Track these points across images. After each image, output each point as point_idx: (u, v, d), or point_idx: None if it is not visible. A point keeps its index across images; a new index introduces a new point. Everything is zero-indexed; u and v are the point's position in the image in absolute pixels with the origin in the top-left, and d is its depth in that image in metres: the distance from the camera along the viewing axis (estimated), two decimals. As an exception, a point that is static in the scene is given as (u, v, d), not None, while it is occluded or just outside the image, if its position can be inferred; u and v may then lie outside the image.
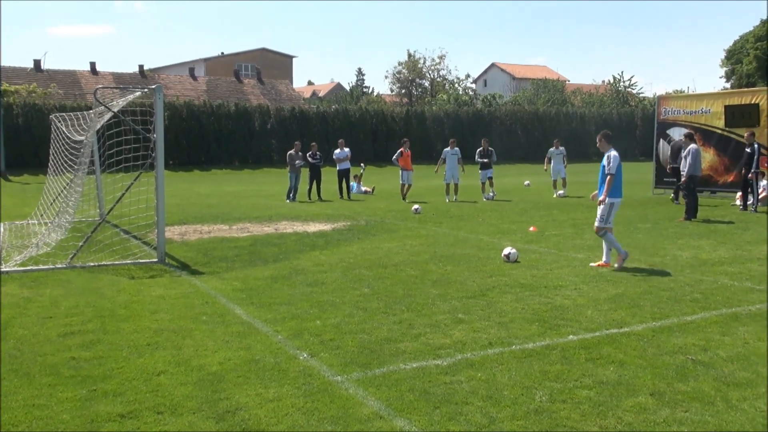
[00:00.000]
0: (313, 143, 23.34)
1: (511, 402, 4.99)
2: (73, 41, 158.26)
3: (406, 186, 21.43)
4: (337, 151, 22.73)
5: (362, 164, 26.52)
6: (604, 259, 10.13)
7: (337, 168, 22.57)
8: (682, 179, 16.02)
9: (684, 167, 15.86)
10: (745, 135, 18.23)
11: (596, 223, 10.18)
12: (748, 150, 17.59)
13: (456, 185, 21.17)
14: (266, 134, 44.48)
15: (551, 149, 23.19)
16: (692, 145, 16.02)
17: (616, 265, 9.88)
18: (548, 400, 5.03)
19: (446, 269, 9.93)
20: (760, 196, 17.80)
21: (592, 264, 10.16)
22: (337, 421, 4.69)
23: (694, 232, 13.72)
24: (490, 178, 21.82)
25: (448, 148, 21.46)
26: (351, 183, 23.61)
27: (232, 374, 5.59)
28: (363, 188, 24.83)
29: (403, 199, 21.22)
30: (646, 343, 6.37)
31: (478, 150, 22.12)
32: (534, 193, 23.80)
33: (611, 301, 7.94)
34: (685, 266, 10.10)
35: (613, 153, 10.23)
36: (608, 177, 10.04)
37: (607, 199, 10.01)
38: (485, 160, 21.79)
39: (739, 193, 18.27)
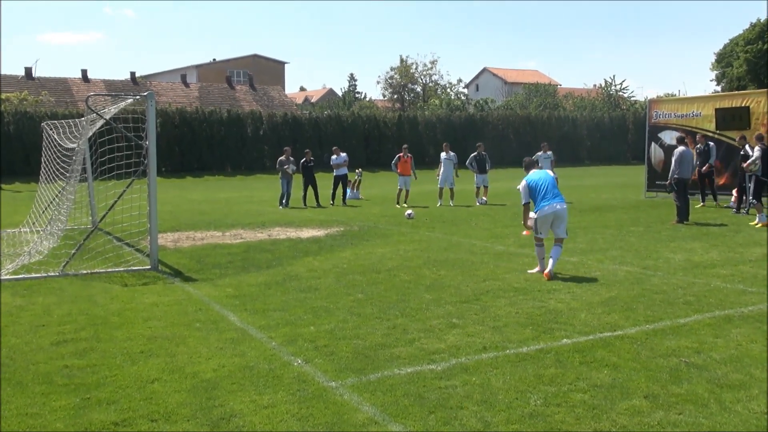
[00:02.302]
0: (307, 150, 23.38)
1: (505, 406, 4.99)
2: (64, 49, 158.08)
3: (404, 191, 21.45)
4: (333, 157, 22.75)
5: (358, 170, 26.38)
6: (548, 268, 9.61)
7: (334, 173, 22.57)
8: (668, 182, 16.26)
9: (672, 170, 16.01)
10: (737, 139, 18.35)
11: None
12: (741, 153, 17.69)
13: (451, 190, 21.21)
14: (259, 140, 44.41)
15: (539, 153, 23.13)
16: (678, 148, 16.12)
17: (535, 269, 9.89)
18: (543, 403, 5.03)
19: (440, 274, 9.94)
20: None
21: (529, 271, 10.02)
22: (332, 427, 4.69)
23: (687, 234, 13.78)
24: (486, 187, 21.83)
25: (444, 153, 21.52)
26: (347, 189, 23.59)
27: (226, 381, 5.57)
28: (359, 195, 24.79)
29: (397, 203, 21.23)
30: (639, 346, 6.39)
31: (473, 155, 22.10)
32: (527, 197, 23.79)
33: (604, 305, 7.97)
34: (678, 269, 10.14)
35: (521, 184, 10.09)
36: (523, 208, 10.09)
37: (531, 214, 9.98)
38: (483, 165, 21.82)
39: (734, 195, 18.38)
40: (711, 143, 19.51)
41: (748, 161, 15.98)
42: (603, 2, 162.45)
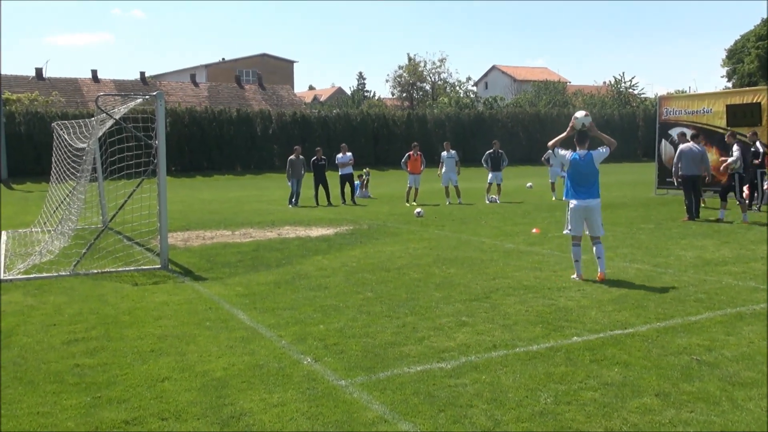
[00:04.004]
0: (318, 148, 23.40)
1: (515, 404, 4.98)
2: (74, 50, 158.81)
3: (413, 189, 21.43)
4: (339, 155, 22.70)
5: (366, 170, 26.28)
6: (600, 269, 9.20)
7: (340, 173, 22.54)
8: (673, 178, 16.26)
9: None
10: (748, 135, 18.24)
11: None
12: (752, 149, 17.60)
13: (456, 187, 21.19)
14: (268, 139, 44.52)
15: (549, 151, 23.02)
16: (682, 145, 16.05)
17: (574, 276, 9.28)
18: (553, 402, 5.01)
19: (449, 272, 9.92)
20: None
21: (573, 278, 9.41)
22: (342, 426, 4.69)
23: (698, 232, 13.71)
24: (499, 185, 21.80)
25: (444, 152, 21.54)
26: (356, 183, 23.50)
27: (236, 380, 5.58)
28: (369, 193, 24.78)
29: (407, 202, 21.23)
30: (650, 343, 6.36)
31: (489, 152, 22.11)
32: (536, 195, 23.79)
33: (615, 302, 7.93)
34: (689, 266, 10.09)
35: (567, 154, 9.48)
36: None
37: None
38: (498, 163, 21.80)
39: (746, 192, 18.25)
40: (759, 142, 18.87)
41: (729, 161, 15.84)
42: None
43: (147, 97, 11.55)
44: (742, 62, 59.11)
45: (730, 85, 60.69)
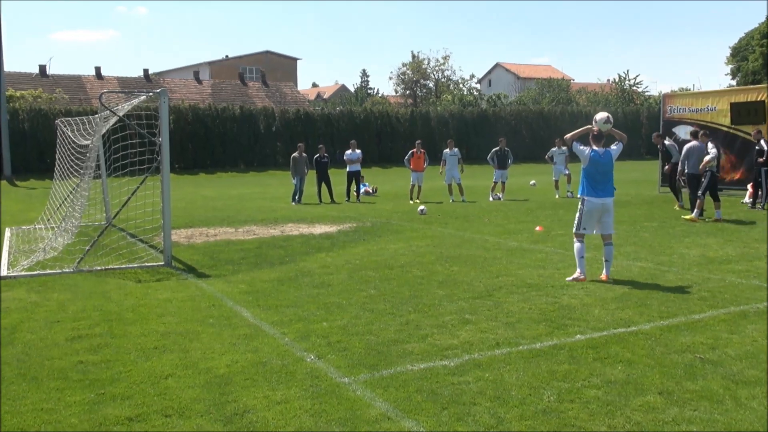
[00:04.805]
0: (321, 145, 23.33)
1: (519, 402, 4.98)
2: (78, 46, 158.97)
3: (416, 187, 21.40)
4: (349, 152, 22.61)
5: (374, 188, 25.93)
6: (604, 271, 9.15)
7: (347, 169, 22.47)
8: (678, 176, 16.30)
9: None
10: (753, 133, 18.21)
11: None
12: (757, 147, 17.58)
13: (459, 185, 21.16)
14: (271, 137, 44.45)
15: (553, 149, 23.03)
16: (688, 144, 16.02)
17: (568, 278, 9.12)
18: (556, 400, 5.01)
19: (452, 270, 9.92)
20: None
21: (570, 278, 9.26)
22: (345, 423, 4.69)
23: (701, 230, 13.68)
24: (504, 183, 21.74)
25: (447, 150, 21.50)
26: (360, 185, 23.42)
27: (239, 377, 5.59)
28: (371, 190, 24.75)
29: (411, 199, 21.22)
30: (654, 341, 6.35)
31: (495, 150, 22.05)
32: (540, 193, 23.75)
33: (618, 300, 7.92)
34: (693, 264, 10.07)
35: (585, 150, 9.38)
36: None
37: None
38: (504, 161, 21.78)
39: (750, 190, 18.22)
40: (667, 142, 18.81)
41: (707, 158, 15.70)
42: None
43: (150, 94, 11.56)
44: (746, 60, 58.95)
45: (734, 83, 60.54)
